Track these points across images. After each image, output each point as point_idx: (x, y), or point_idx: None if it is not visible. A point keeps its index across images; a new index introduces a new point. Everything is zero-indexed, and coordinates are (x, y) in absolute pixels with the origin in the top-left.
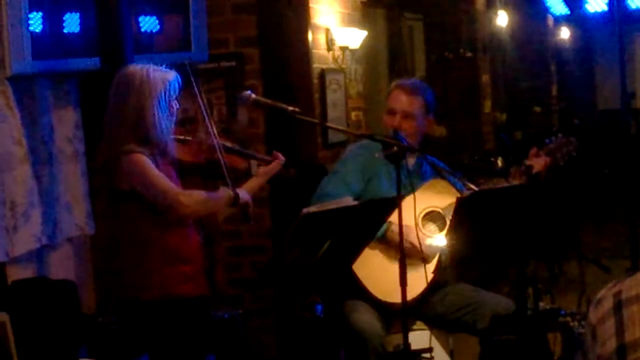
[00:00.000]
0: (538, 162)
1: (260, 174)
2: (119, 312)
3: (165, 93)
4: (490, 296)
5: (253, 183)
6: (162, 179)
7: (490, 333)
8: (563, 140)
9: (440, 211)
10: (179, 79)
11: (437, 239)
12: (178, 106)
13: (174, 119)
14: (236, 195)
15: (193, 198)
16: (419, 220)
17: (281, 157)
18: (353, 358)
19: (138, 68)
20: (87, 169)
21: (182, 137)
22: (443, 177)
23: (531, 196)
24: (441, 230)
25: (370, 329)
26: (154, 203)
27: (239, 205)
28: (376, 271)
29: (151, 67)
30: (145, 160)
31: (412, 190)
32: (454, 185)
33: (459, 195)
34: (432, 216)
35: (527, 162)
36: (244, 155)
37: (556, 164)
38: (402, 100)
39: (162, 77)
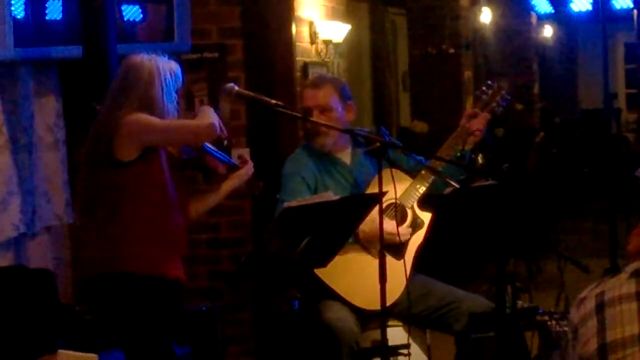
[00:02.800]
0: (479, 123)
1: (231, 177)
2: (94, 288)
3: (173, 84)
4: (467, 295)
5: (227, 185)
6: (170, 121)
7: (466, 333)
8: (495, 88)
9: (398, 201)
10: (180, 70)
11: (405, 230)
12: (178, 98)
13: (177, 109)
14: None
15: (204, 116)
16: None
17: (250, 163)
18: (327, 355)
19: (146, 58)
20: (67, 157)
21: None
22: (394, 165)
23: (511, 194)
24: (403, 219)
25: (344, 326)
26: (179, 143)
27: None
28: (352, 279)
29: (158, 58)
30: (146, 115)
31: (354, 186)
32: (408, 167)
33: (411, 178)
34: (392, 208)
35: (467, 125)
36: (219, 160)
37: (494, 114)
38: (311, 96)
39: (169, 67)
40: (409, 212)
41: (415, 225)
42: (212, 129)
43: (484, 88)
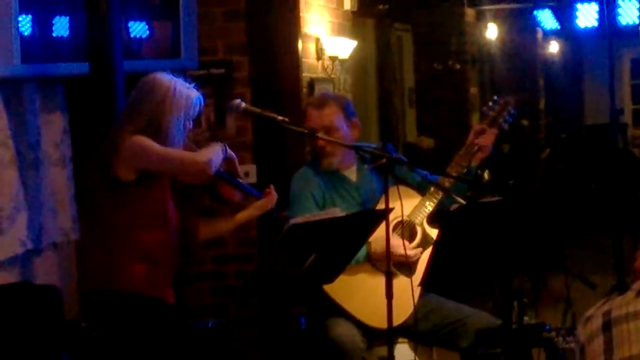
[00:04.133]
0: (487, 139)
1: (254, 207)
2: (89, 304)
3: (185, 110)
4: (473, 312)
5: (245, 214)
6: (170, 149)
7: (472, 349)
8: (501, 104)
9: (407, 218)
10: (201, 99)
11: (415, 248)
12: (191, 126)
13: (185, 137)
14: (224, 145)
15: (205, 153)
16: (391, 232)
17: (274, 195)
18: None
19: (166, 79)
20: (74, 174)
21: None
22: (401, 182)
23: (517, 210)
24: (413, 237)
25: (350, 342)
26: (171, 173)
27: (228, 156)
28: (364, 298)
29: (179, 81)
30: (146, 139)
31: (360, 203)
32: (414, 184)
33: (420, 195)
34: (401, 226)
35: (476, 142)
36: (238, 188)
37: (501, 130)
38: (316, 117)
39: (187, 94)
40: (419, 229)
41: (426, 242)
42: (206, 168)
43: (490, 104)
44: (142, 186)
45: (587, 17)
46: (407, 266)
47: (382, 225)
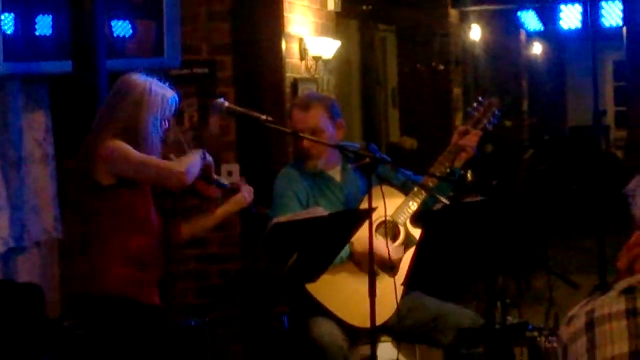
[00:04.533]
0: (471, 140)
1: (231, 202)
2: (76, 307)
3: (161, 110)
4: (455, 309)
5: (222, 210)
6: (148, 157)
7: (455, 347)
8: (486, 105)
9: (390, 218)
10: (176, 99)
11: (398, 247)
12: (168, 125)
13: (162, 137)
14: (203, 152)
15: (182, 162)
16: (374, 232)
17: (249, 190)
18: None
19: (141, 79)
20: (57, 172)
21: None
22: (385, 181)
23: (500, 210)
24: (396, 237)
25: (332, 342)
26: (148, 181)
27: (205, 162)
28: (346, 297)
29: (154, 81)
30: (125, 145)
31: (344, 203)
32: (398, 183)
33: (402, 194)
34: (384, 225)
35: (460, 143)
36: (216, 184)
37: (485, 131)
38: (301, 119)
39: (162, 93)
40: (402, 229)
41: (409, 242)
42: (182, 178)
43: (475, 105)
44: (122, 190)
45: (570, 18)
46: (389, 266)
47: (365, 225)
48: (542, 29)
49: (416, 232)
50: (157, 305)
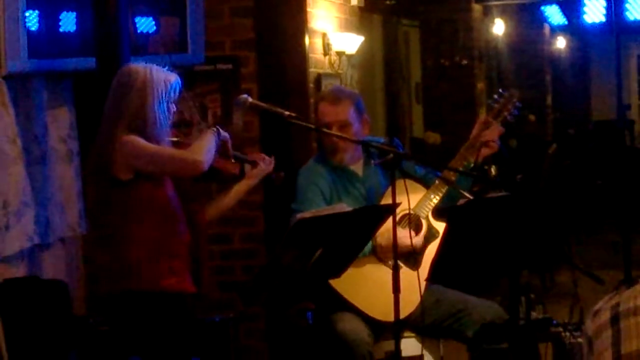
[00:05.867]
0: (492, 134)
1: (250, 176)
2: (106, 306)
3: (165, 94)
4: (479, 303)
5: (243, 185)
6: (162, 148)
7: (478, 341)
8: (506, 96)
9: (412, 212)
10: (180, 82)
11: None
12: (175, 109)
13: (171, 121)
14: (217, 129)
15: (196, 150)
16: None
17: (268, 160)
18: None
19: (141, 67)
20: (81, 168)
21: (176, 139)
22: (406, 175)
23: (524, 205)
24: (418, 230)
25: (357, 337)
26: (164, 173)
27: (221, 139)
28: (369, 292)
29: (154, 67)
30: (138, 139)
31: (366, 198)
32: (419, 177)
33: (424, 188)
34: (406, 219)
35: (481, 138)
36: (235, 158)
37: (507, 123)
38: (330, 112)
39: (164, 77)
40: (424, 222)
41: (430, 235)
42: (198, 166)
43: (495, 96)
44: (142, 182)
45: (594, 12)
46: (412, 259)
47: (388, 219)
48: (566, 23)
49: (438, 226)
50: (191, 292)
